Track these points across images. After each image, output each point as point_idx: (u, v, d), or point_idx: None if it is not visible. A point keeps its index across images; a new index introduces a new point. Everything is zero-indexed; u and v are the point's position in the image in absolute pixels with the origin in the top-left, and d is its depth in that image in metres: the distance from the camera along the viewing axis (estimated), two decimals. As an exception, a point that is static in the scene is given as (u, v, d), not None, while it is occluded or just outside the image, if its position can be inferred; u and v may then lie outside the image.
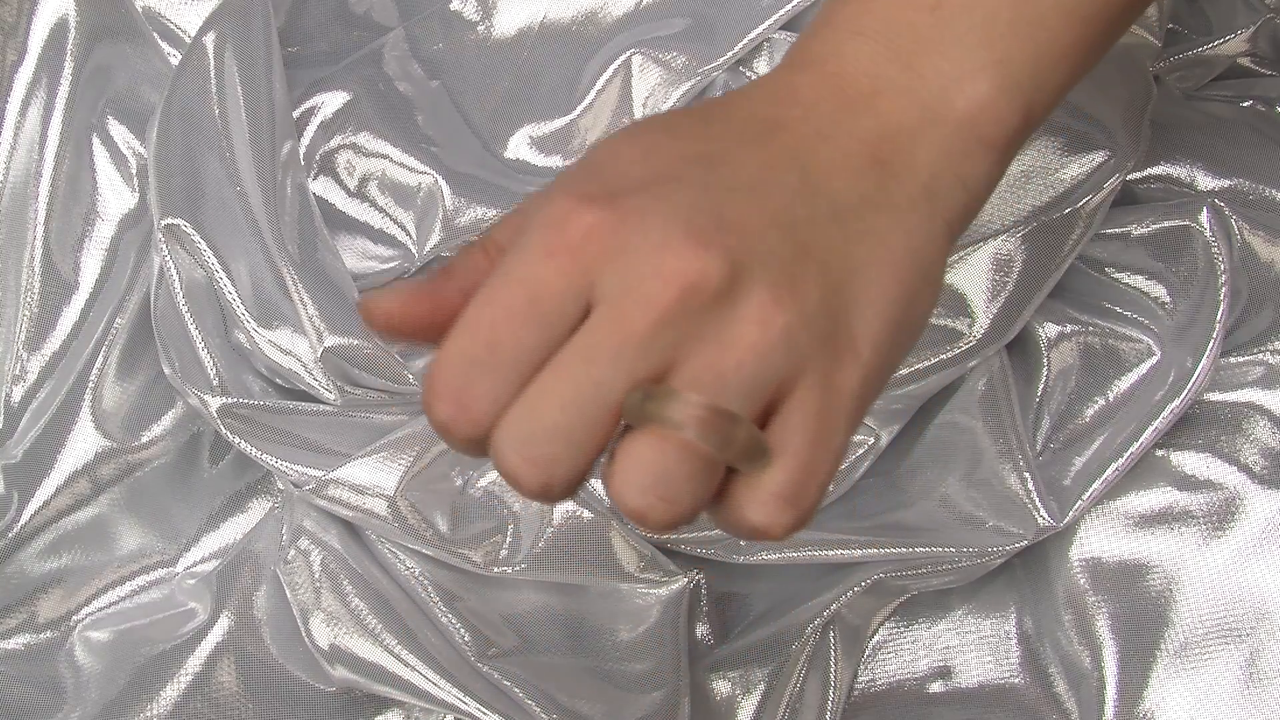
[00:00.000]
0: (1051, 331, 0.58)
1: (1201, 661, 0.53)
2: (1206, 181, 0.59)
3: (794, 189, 0.34)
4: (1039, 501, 0.54)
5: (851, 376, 0.33)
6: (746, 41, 0.56)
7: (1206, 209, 0.56)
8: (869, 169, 0.35)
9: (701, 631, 0.57)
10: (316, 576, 0.53)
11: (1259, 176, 0.59)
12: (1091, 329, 0.58)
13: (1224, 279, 0.55)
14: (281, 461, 0.53)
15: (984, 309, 0.56)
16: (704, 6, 0.58)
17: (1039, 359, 0.58)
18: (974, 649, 0.57)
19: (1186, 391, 0.54)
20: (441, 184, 0.57)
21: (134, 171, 0.58)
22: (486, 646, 0.54)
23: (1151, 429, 0.54)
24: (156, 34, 0.59)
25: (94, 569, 0.57)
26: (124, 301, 0.57)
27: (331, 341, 0.53)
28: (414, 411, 0.55)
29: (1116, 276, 0.58)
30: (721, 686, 0.55)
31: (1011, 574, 0.58)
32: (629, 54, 0.57)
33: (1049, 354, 0.58)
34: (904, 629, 0.58)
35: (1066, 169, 0.55)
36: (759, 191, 0.33)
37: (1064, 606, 0.55)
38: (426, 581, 0.54)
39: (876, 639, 0.58)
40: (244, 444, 0.54)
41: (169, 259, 0.54)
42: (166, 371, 0.55)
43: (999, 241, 0.55)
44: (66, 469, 0.56)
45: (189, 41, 0.57)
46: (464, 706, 0.52)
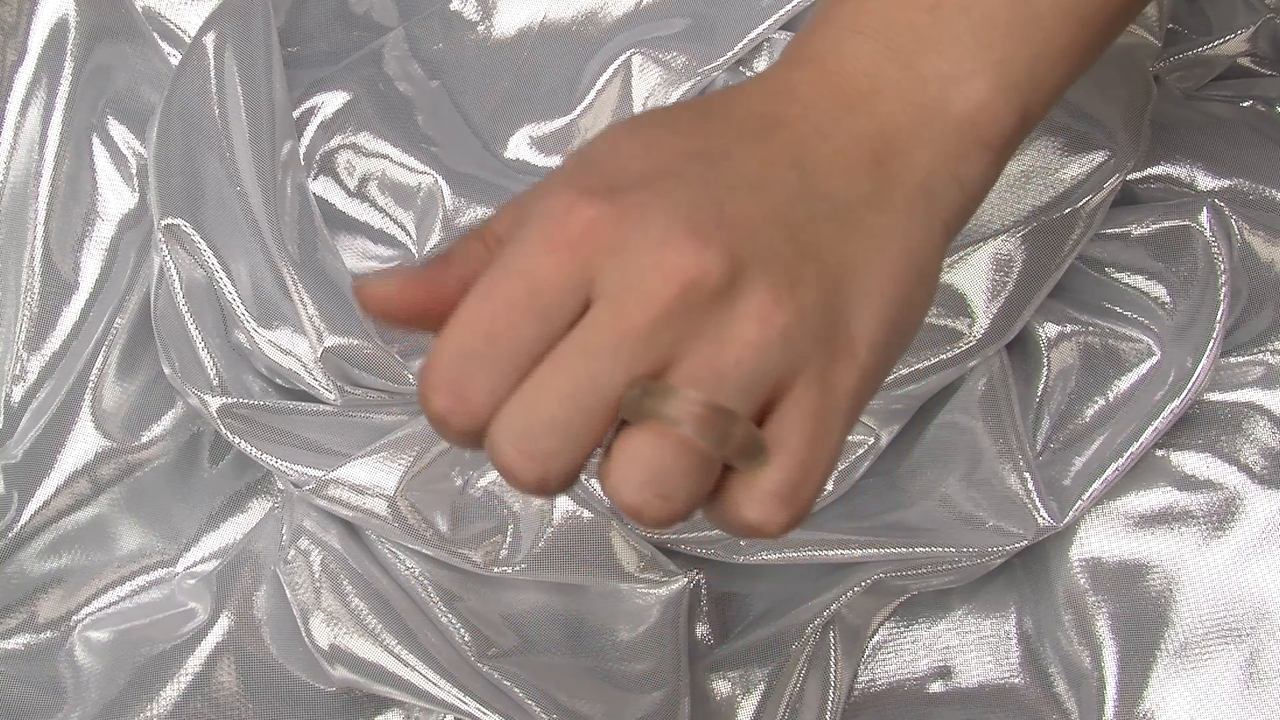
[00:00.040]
0: (1051, 331, 0.58)
1: (1201, 661, 0.53)
2: (1206, 181, 0.59)
3: (793, 187, 0.34)
4: (1039, 501, 0.54)
5: (848, 376, 0.33)
6: (746, 41, 0.56)
7: (1206, 209, 0.56)
8: (867, 168, 0.35)
9: (701, 631, 0.57)
10: (316, 576, 0.53)
11: (1259, 176, 0.59)
12: (1091, 329, 0.57)
13: (1224, 279, 0.55)
14: (281, 461, 0.53)
15: (984, 309, 0.56)
16: (704, 6, 0.58)
17: (1039, 359, 0.58)
18: (974, 649, 0.57)
19: (1186, 391, 0.54)
20: (441, 184, 0.57)
21: (134, 171, 0.58)
22: (486, 646, 0.54)
23: (1151, 429, 0.54)
24: (156, 34, 0.59)
25: (94, 569, 0.57)
26: (124, 301, 0.57)
27: (331, 341, 0.53)
28: (414, 411, 0.55)
29: (1116, 276, 0.58)
30: (721, 686, 0.55)
31: (1011, 574, 0.58)
32: (629, 54, 0.57)
33: (1049, 354, 0.58)
34: (904, 629, 0.58)
35: (1066, 169, 0.55)
36: (759, 189, 0.33)
37: (1064, 606, 0.55)
38: (426, 581, 0.54)
39: (876, 639, 0.58)
40: (244, 444, 0.54)
41: (169, 259, 0.54)
42: (166, 371, 0.55)
43: (999, 241, 0.55)
44: (66, 469, 0.56)
45: (189, 41, 0.57)
46: (464, 706, 0.52)
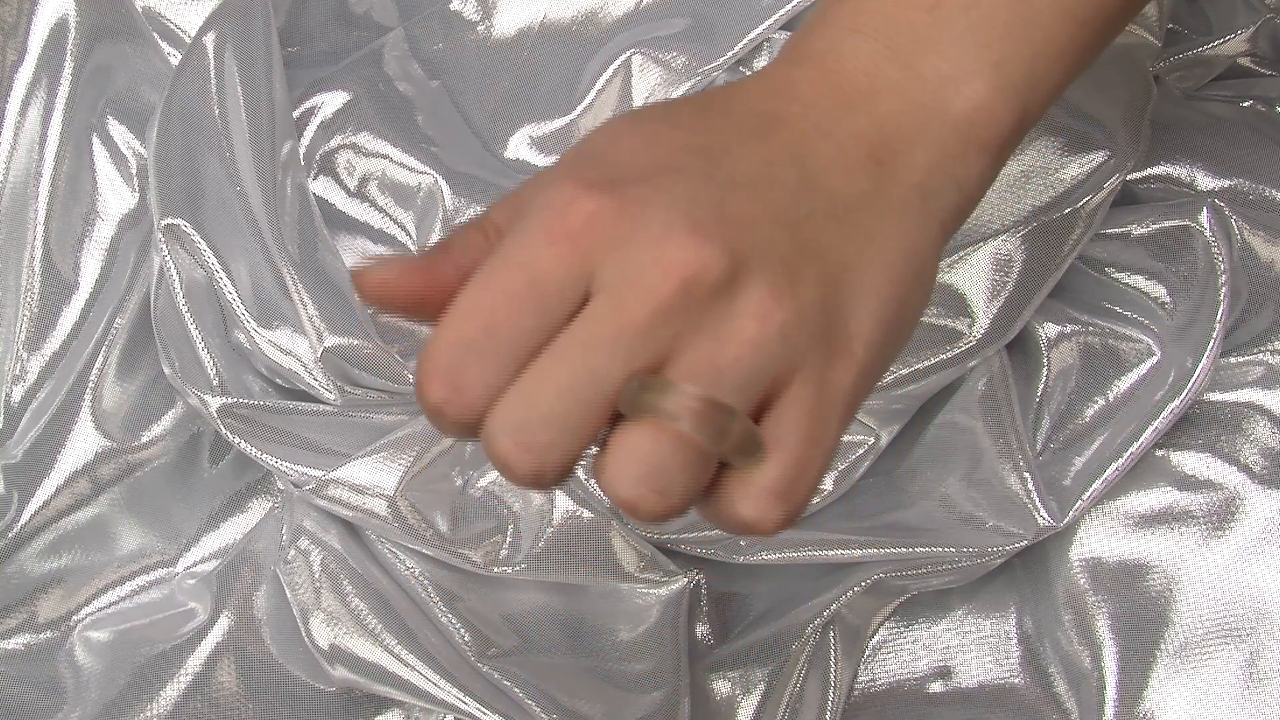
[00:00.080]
0: (1051, 331, 0.58)
1: (1201, 661, 0.53)
2: (1206, 181, 0.59)
3: (793, 185, 0.34)
4: (1039, 501, 0.54)
5: (845, 375, 0.33)
6: (746, 41, 0.56)
7: (1206, 209, 0.56)
8: (866, 168, 0.35)
9: (701, 631, 0.57)
10: (316, 576, 0.53)
11: (1259, 176, 0.59)
12: (1091, 329, 0.57)
13: (1224, 279, 0.55)
14: (281, 461, 0.53)
15: (984, 309, 0.56)
16: (704, 6, 0.58)
17: (1039, 359, 0.58)
18: (974, 649, 0.57)
19: (1186, 391, 0.54)
20: (441, 184, 0.57)
21: (134, 171, 0.58)
22: (486, 646, 0.54)
23: (1151, 429, 0.54)
24: (156, 34, 0.59)
25: (94, 569, 0.57)
26: (124, 301, 0.57)
27: (331, 341, 0.53)
28: (414, 411, 0.55)
29: (1116, 276, 0.58)
30: (721, 686, 0.55)
31: (1011, 574, 0.58)
32: (629, 54, 0.57)
33: (1049, 354, 0.58)
34: (904, 629, 0.58)
35: (1066, 169, 0.55)
36: (759, 186, 0.33)
37: (1064, 606, 0.55)
38: (426, 581, 0.54)
39: (876, 639, 0.58)
40: (244, 444, 0.54)
41: (169, 259, 0.54)
42: (166, 371, 0.55)
43: (999, 241, 0.55)
44: (66, 469, 0.56)
45: (189, 41, 0.57)
46: (464, 706, 0.52)
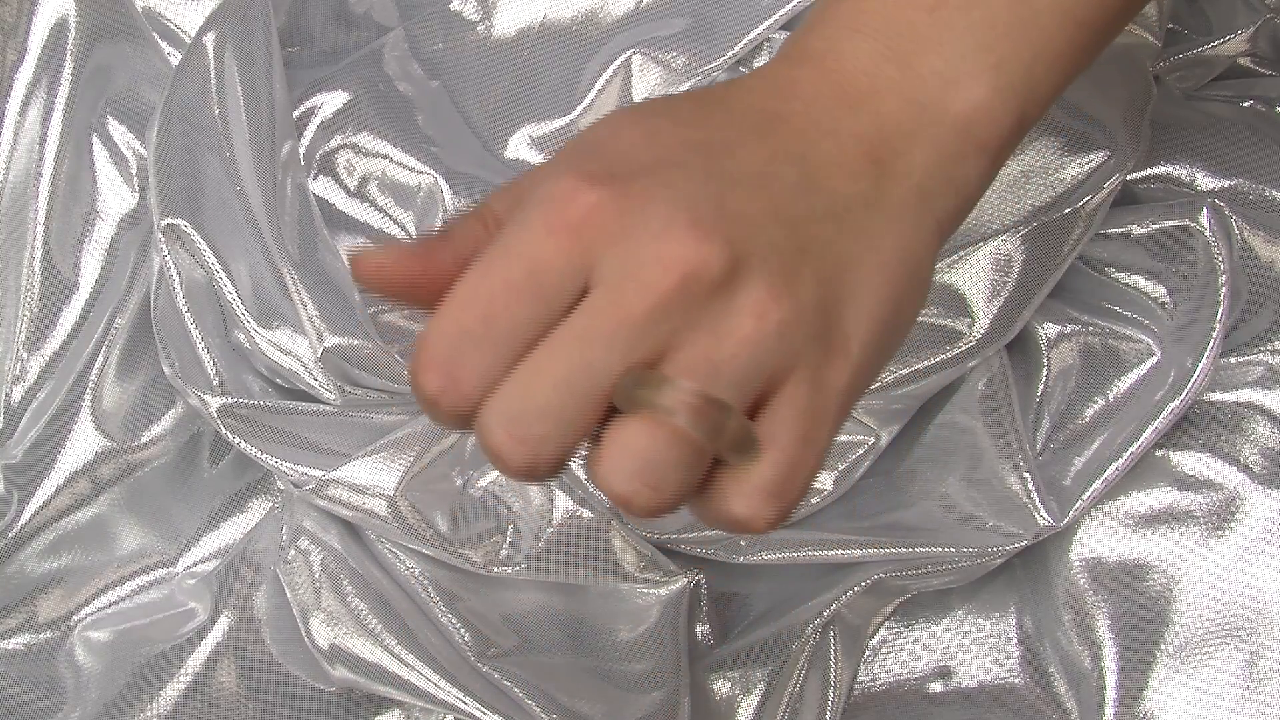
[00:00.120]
0: (1051, 331, 0.58)
1: (1201, 661, 0.53)
2: (1206, 181, 0.59)
3: (793, 184, 0.34)
4: (1039, 501, 0.54)
5: (841, 374, 0.33)
6: (746, 41, 0.56)
7: (1206, 209, 0.56)
8: (865, 168, 0.35)
9: (701, 631, 0.57)
10: (316, 576, 0.53)
11: (1259, 176, 0.59)
12: (1091, 329, 0.57)
13: (1224, 279, 0.55)
14: (281, 461, 0.53)
15: (984, 309, 0.56)
16: (704, 6, 0.58)
17: (1039, 359, 0.58)
18: (974, 649, 0.57)
19: (1186, 391, 0.54)
20: (441, 184, 0.57)
21: (134, 171, 0.58)
22: (486, 646, 0.54)
23: (1151, 429, 0.54)
24: (156, 34, 0.59)
25: (94, 569, 0.57)
26: (124, 301, 0.57)
27: (331, 341, 0.53)
28: (414, 411, 0.55)
29: (1116, 276, 0.58)
30: (721, 686, 0.55)
31: (1011, 574, 0.58)
32: (629, 54, 0.57)
33: (1049, 354, 0.58)
34: (904, 629, 0.58)
35: (1066, 169, 0.55)
36: (760, 184, 0.33)
37: (1064, 606, 0.55)
38: (426, 581, 0.54)
39: (876, 639, 0.58)
40: (244, 444, 0.54)
41: (169, 259, 0.54)
42: (166, 371, 0.55)
43: (999, 241, 0.55)
44: (66, 469, 0.56)
45: (189, 41, 0.57)
46: (464, 706, 0.51)
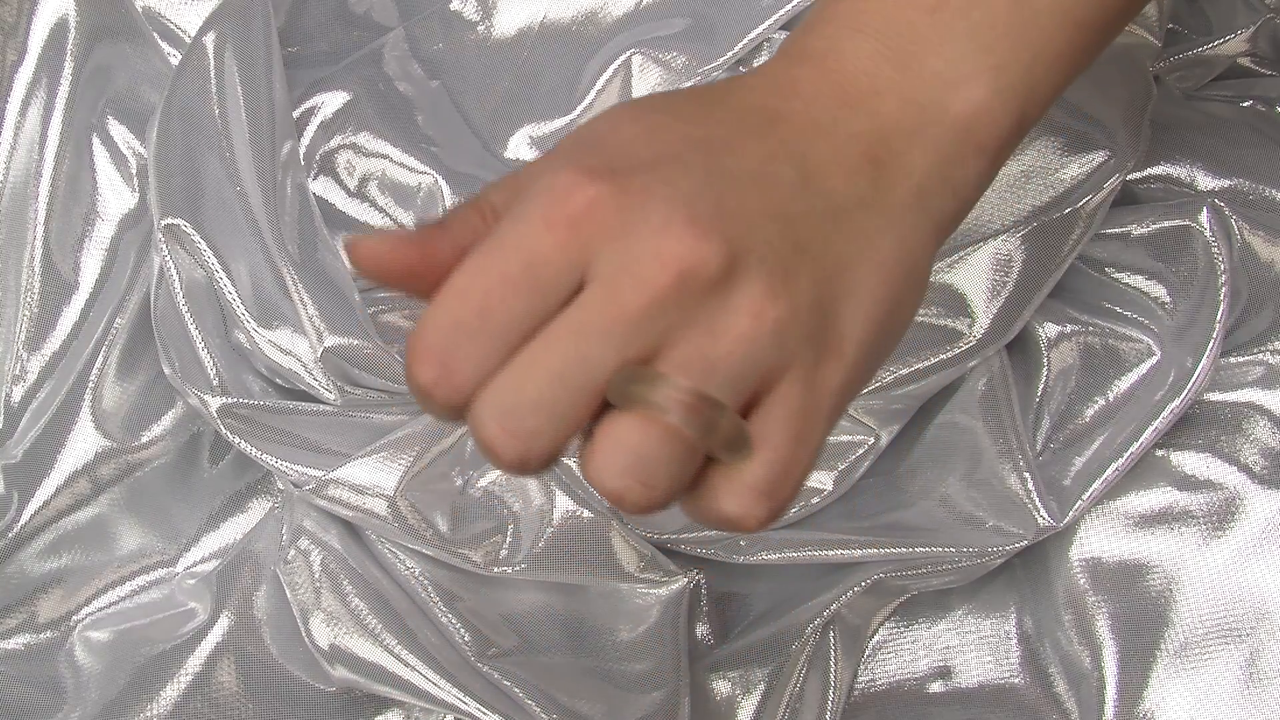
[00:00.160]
0: (1051, 331, 0.58)
1: (1201, 661, 0.53)
2: (1206, 181, 0.59)
3: (792, 183, 0.34)
4: (1039, 501, 0.54)
5: (835, 375, 0.33)
6: (746, 41, 0.56)
7: (1206, 209, 0.56)
8: (864, 168, 0.35)
9: (701, 631, 0.57)
10: (316, 576, 0.53)
11: (1259, 176, 0.59)
12: (1091, 329, 0.57)
13: (1224, 279, 0.55)
14: (281, 461, 0.53)
15: (984, 309, 0.56)
16: (704, 6, 0.58)
17: (1039, 359, 0.58)
18: (974, 649, 0.57)
19: (1186, 391, 0.54)
20: (441, 184, 0.57)
21: (134, 171, 0.58)
22: (486, 646, 0.54)
23: (1151, 429, 0.54)
24: (156, 34, 0.59)
25: (94, 569, 0.57)
26: (124, 301, 0.57)
27: (331, 341, 0.53)
28: (414, 411, 0.55)
29: (1116, 276, 0.58)
30: (721, 686, 0.55)
31: (1011, 574, 0.58)
32: (629, 54, 0.57)
33: (1049, 354, 0.58)
34: (904, 629, 0.58)
35: (1066, 169, 0.55)
36: (759, 183, 0.33)
37: (1064, 606, 0.55)
38: (426, 581, 0.54)
39: (876, 639, 0.58)
40: (244, 444, 0.54)
41: (169, 259, 0.54)
42: (166, 371, 0.55)
43: (999, 241, 0.55)
44: (66, 469, 0.56)
45: (189, 41, 0.57)
46: (464, 706, 0.51)
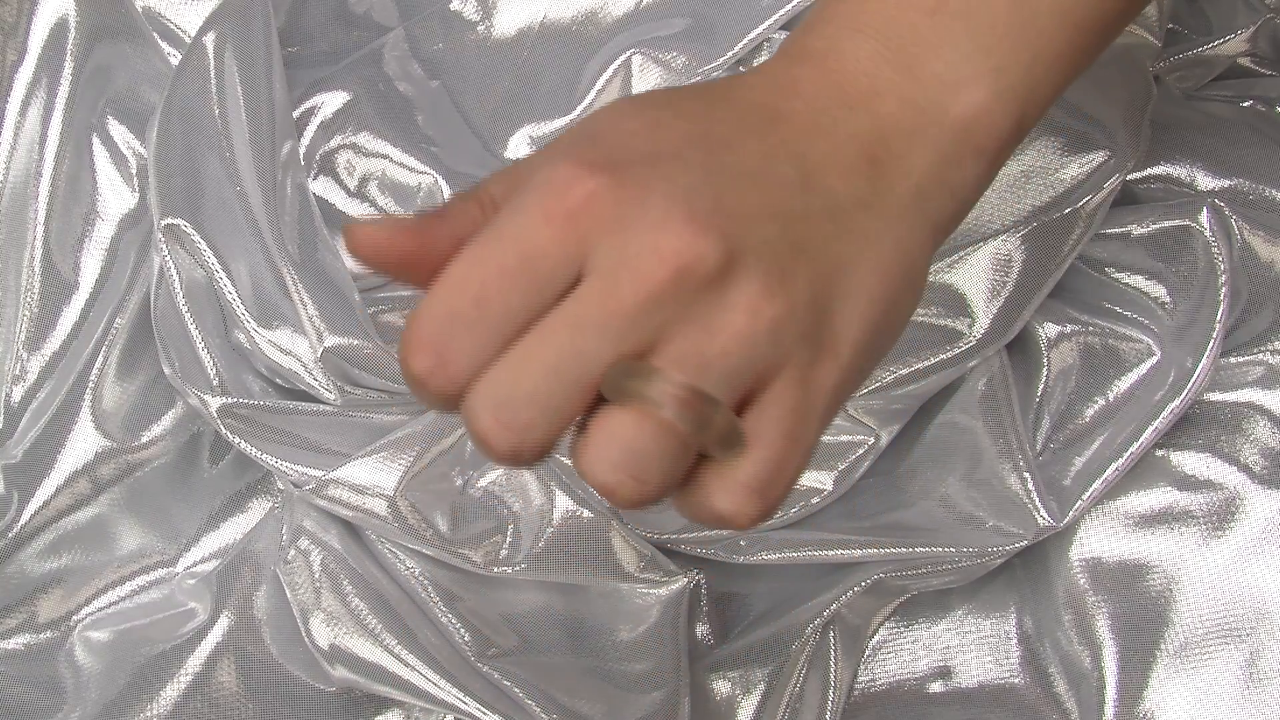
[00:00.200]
0: (1051, 331, 0.58)
1: (1201, 661, 0.53)
2: (1206, 181, 0.59)
3: (791, 182, 0.34)
4: (1039, 501, 0.54)
5: (830, 375, 0.33)
6: (746, 41, 0.56)
7: (1206, 209, 0.56)
8: (864, 169, 0.35)
9: (701, 631, 0.57)
10: (316, 576, 0.53)
11: (1259, 176, 0.59)
12: (1091, 329, 0.57)
13: (1224, 279, 0.55)
14: (281, 461, 0.53)
15: (984, 309, 0.56)
16: (704, 6, 0.58)
17: (1039, 359, 0.58)
18: (974, 649, 0.57)
19: (1186, 391, 0.54)
20: (441, 184, 0.57)
21: (134, 171, 0.58)
22: (486, 646, 0.54)
23: (1151, 429, 0.54)
24: (156, 34, 0.59)
25: (94, 569, 0.57)
26: (124, 301, 0.57)
27: (331, 341, 0.53)
28: (414, 411, 0.55)
29: (1116, 276, 0.58)
30: (721, 686, 0.55)
31: (1011, 574, 0.58)
32: (629, 54, 0.57)
33: (1049, 354, 0.58)
34: (904, 629, 0.58)
35: (1066, 169, 0.55)
36: (759, 181, 0.33)
37: (1064, 606, 0.55)
38: (426, 581, 0.54)
39: (876, 639, 0.58)
40: (244, 444, 0.54)
41: (169, 259, 0.54)
42: (166, 371, 0.55)
43: (999, 241, 0.55)
44: (66, 469, 0.56)
45: (189, 41, 0.57)
46: (464, 706, 0.52)
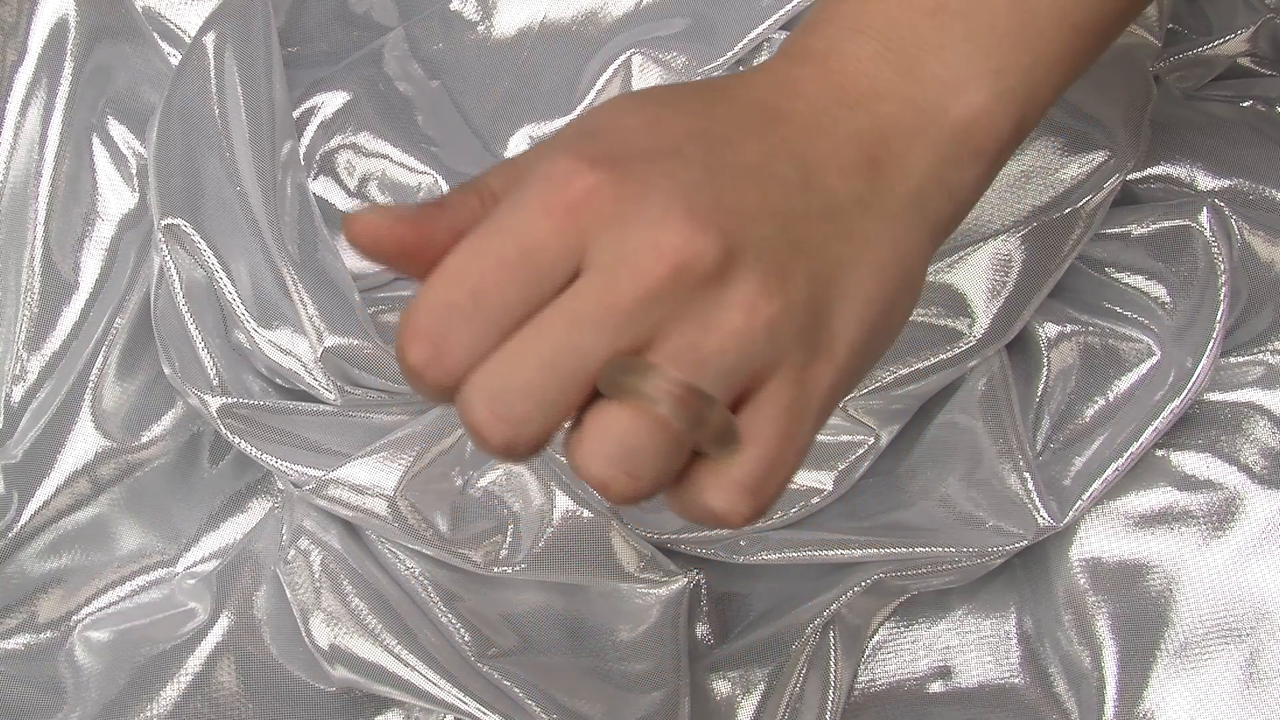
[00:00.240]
0: (1051, 331, 0.58)
1: (1201, 661, 0.53)
2: (1206, 181, 0.59)
3: (791, 181, 0.34)
4: (1039, 501, 0.54)
5: (825, 375, 0.33)
6: (746, 41, 0.56)
7: (1206, 209, 0.56)
8: (863, 169, 0.35)
9: (701, 631, 0.57)
10: (316, 576, 0.53)
11: (1259, 176, 0.59)
12: (1091, 329, 0.57)
13: (1224, 279, 0.55)
14: (281, 461, 0.53)
15: (984, 309, 0.56)
16: (704, 6, 0.58)
17: (1039, 359, 0.58)
18: (974, 649, 0.57)
19: (1186, 391, 0.54)
20: (441, 184, 0.57)
21: (134, 171, 0.58)
22: (486, 646, 0.54)
23: (1151, 429, 0.54)
24: (156, 34, 0.59)
25: (94, 569, 0.57)
26: (124, 301, 0.57)
27: (331, 341, 0.53)
28: (414, 411, 0.55)
29: (1116, 276, 0.58)
30: (721, 686, 0.55)
31: (1011, 574, 0.58)
32: (629, 54, 0.57)
33: (1049, 354, 0.58)
34: (904, 629, 0.58)
35: (1066, 169, 0.55)
36: (758, 180, 0.33)
37: (1064, 606, 0.55)
38: (426, 581, 0.54)
39: (876, 639, 0.58)
40: (244, 444, 0.54)
41: (169, 259, 0.54)
42: (166, 371, 0.55)
43: (999, 241, 0.55)
44: (66, 469, 0.56)
45: (189, 41, 0.57)
46: (464, 706, 0.52)
